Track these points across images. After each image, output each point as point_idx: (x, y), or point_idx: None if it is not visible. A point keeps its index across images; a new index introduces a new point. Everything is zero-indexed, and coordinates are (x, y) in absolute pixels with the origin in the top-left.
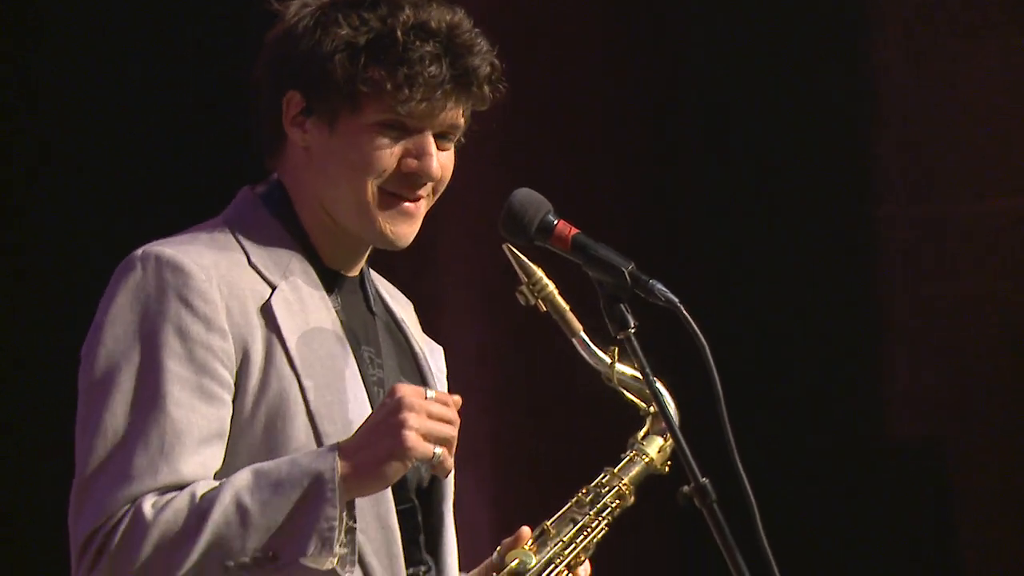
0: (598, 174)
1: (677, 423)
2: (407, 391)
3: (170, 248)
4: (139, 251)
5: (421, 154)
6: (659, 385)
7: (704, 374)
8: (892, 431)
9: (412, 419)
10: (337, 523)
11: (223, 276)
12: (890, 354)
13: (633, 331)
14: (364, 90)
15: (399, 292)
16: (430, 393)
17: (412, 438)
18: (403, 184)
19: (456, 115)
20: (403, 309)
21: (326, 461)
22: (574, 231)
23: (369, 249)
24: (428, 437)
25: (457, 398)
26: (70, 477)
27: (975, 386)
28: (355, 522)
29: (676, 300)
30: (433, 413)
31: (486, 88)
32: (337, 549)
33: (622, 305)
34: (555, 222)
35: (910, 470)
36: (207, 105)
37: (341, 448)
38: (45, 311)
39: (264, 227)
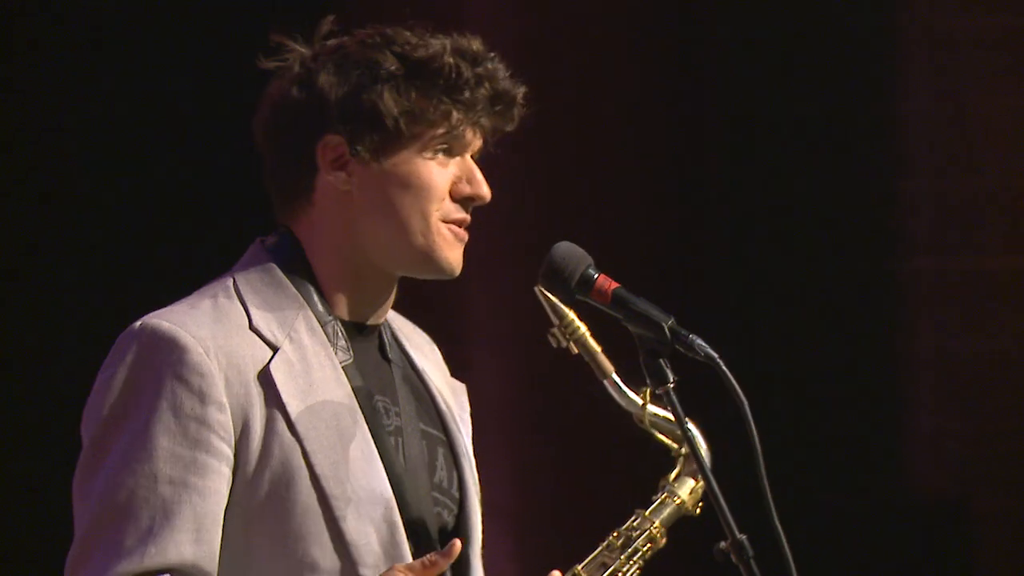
0: (624, 220)
1: (711, 473)
2: None
3: (167, 321)
4: (136, 325)
5: (471, 178)
6: (696, 433)
7: (743, 430)
8: (916, 487)
9: None
10: None
11: (220, 346)
12: (915, 409)
13: (672, 386)
14: (415, 120)
15: (421, 334)
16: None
17: None
18: (457, 211)
19: (482, 138)
20: (422, 351)
21: None
22: (615, 285)
23: (391, 299)
24: None
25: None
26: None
27: (1000, 443)
28: None
29: (716, 356)
30: None
31: (521, 110)
32: None
33: (662, 360)
34: (596, 276)
35: (934, 527)
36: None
37: None
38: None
39: (272, 285)
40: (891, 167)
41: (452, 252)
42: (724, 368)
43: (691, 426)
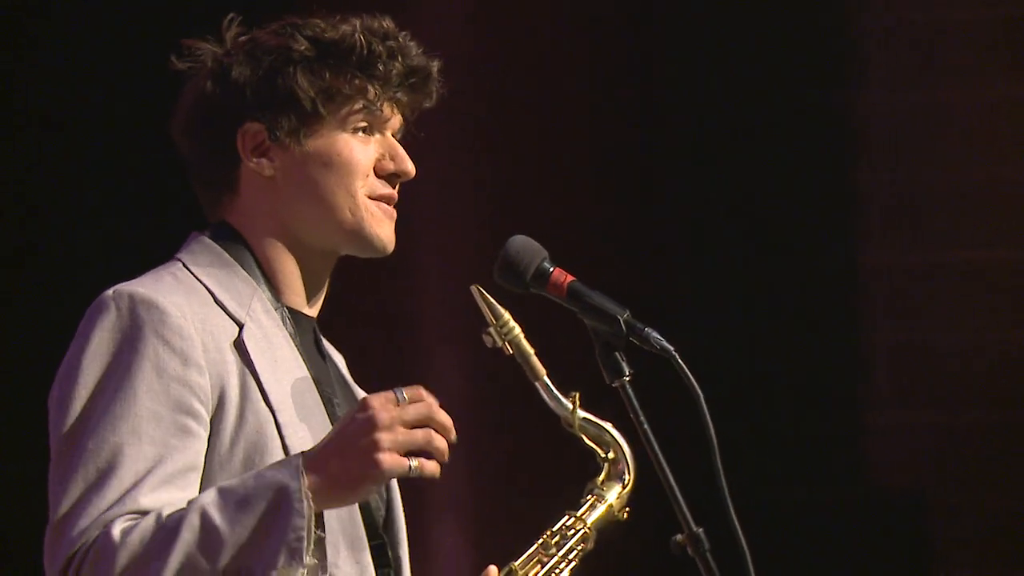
0: (582, 215)
1: (667, 466)
2: (377, 404)
3: (142, 288)
4: (110, 291)
5: (394, 154)
6: (619, 436)
7: (698, 422)
8: (875, 481)
9: (385, 439)
10: (305, 533)
11: (196, 313)
12: (873, 403)
13: (628, 379)
14: (331, 99)
15: (331, 346)
16: (401, 395)
17: (386, 460)
18: (383, 186)
19: (401, 115)
20: (338, 360)
21: (291, 473)
22: (570, 279)
23: (326, 289)
24: (403, 450)
25: (428, 399)
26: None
27: (959, 437)
28: (323, 532)
29: (671, 349)
30: (408, 420)
31: (436, 84)
32: (307, 559)
33: (617, 353)
34: (551, 270)
35: (893, 520)
36: None
37: (306, 459)
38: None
39: (221, 267)
40: (849, 161)
41: (382, 228)
42: (679, 361)
43: (616, 434)
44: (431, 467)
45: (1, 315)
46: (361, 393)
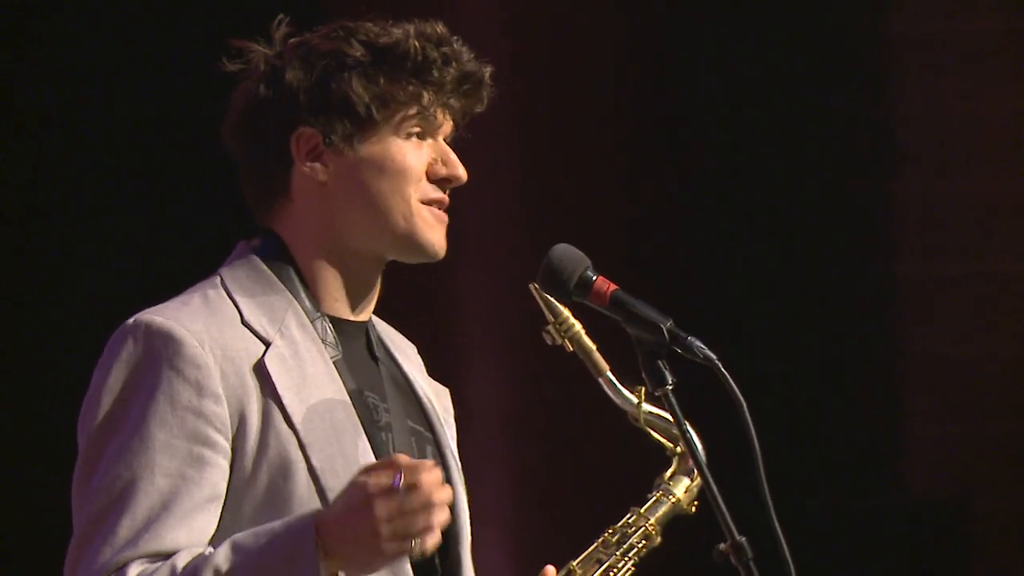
0: (619, 223)
1: (709, 475)
2: (376, 493)
3: (160, 316)
4: (130, 321)
5: (447, 159)
6: (693, 434)
7: (740, 431)
8: (913, 489)
9: (384, 531)
10: None
11: (215, 339)
12: (911, 412)
13: (671, 388)
14: (386, 105)
15: (401, 336)
16: (398, 481)
17: (388, 547)
18: (435, 191)
19: (452, 120)
20: (404, 354)
21: (305, 539)
22: (613, 287)
23: (376, 293)
24: (403, 537)
25: (429, 463)
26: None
27: (996, 445)
28: None
29: (714, 357)
30: (406, 508)
31: (489, 90)
32: None
33: (660, 362)
34: (594, 278)
35: (931, 528)
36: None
37: (318, 523)
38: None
39: (259, 281)
40: (884, 170)
41: (434, 233)
42: (723, 370)
43: (688, 427)
44: (431, 544)
45: (1, 315)
46: (425, 385)
